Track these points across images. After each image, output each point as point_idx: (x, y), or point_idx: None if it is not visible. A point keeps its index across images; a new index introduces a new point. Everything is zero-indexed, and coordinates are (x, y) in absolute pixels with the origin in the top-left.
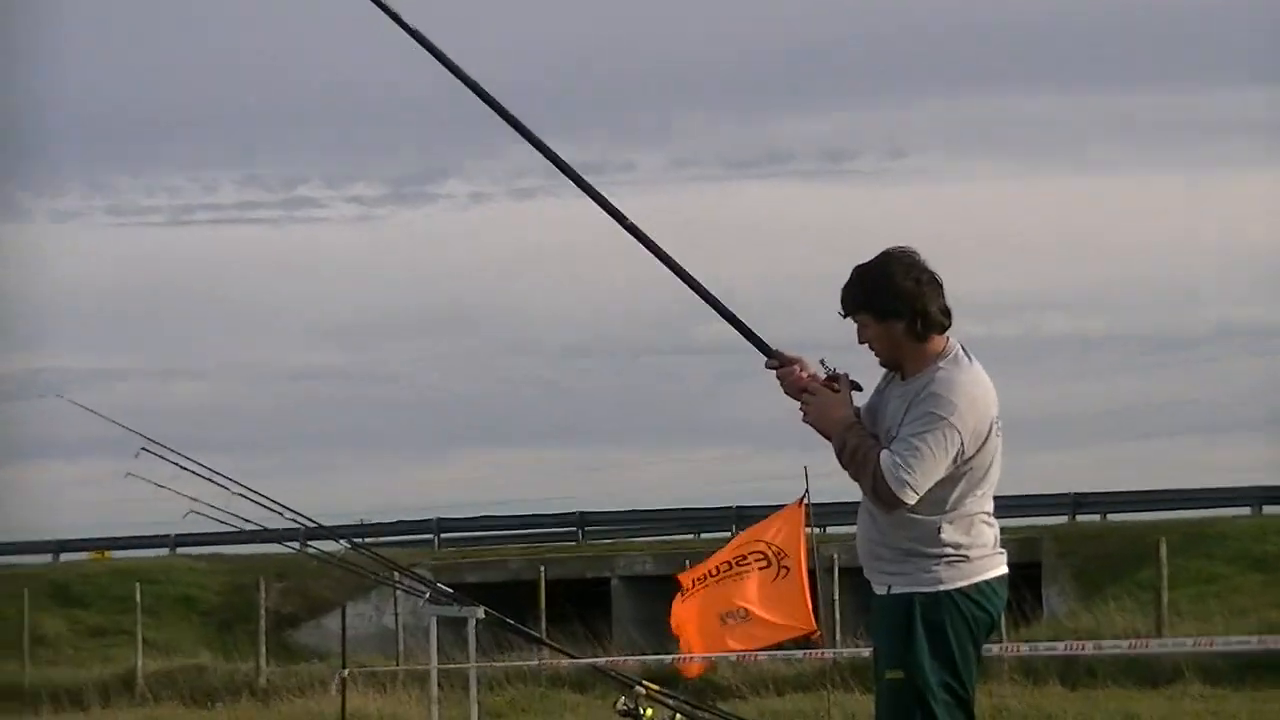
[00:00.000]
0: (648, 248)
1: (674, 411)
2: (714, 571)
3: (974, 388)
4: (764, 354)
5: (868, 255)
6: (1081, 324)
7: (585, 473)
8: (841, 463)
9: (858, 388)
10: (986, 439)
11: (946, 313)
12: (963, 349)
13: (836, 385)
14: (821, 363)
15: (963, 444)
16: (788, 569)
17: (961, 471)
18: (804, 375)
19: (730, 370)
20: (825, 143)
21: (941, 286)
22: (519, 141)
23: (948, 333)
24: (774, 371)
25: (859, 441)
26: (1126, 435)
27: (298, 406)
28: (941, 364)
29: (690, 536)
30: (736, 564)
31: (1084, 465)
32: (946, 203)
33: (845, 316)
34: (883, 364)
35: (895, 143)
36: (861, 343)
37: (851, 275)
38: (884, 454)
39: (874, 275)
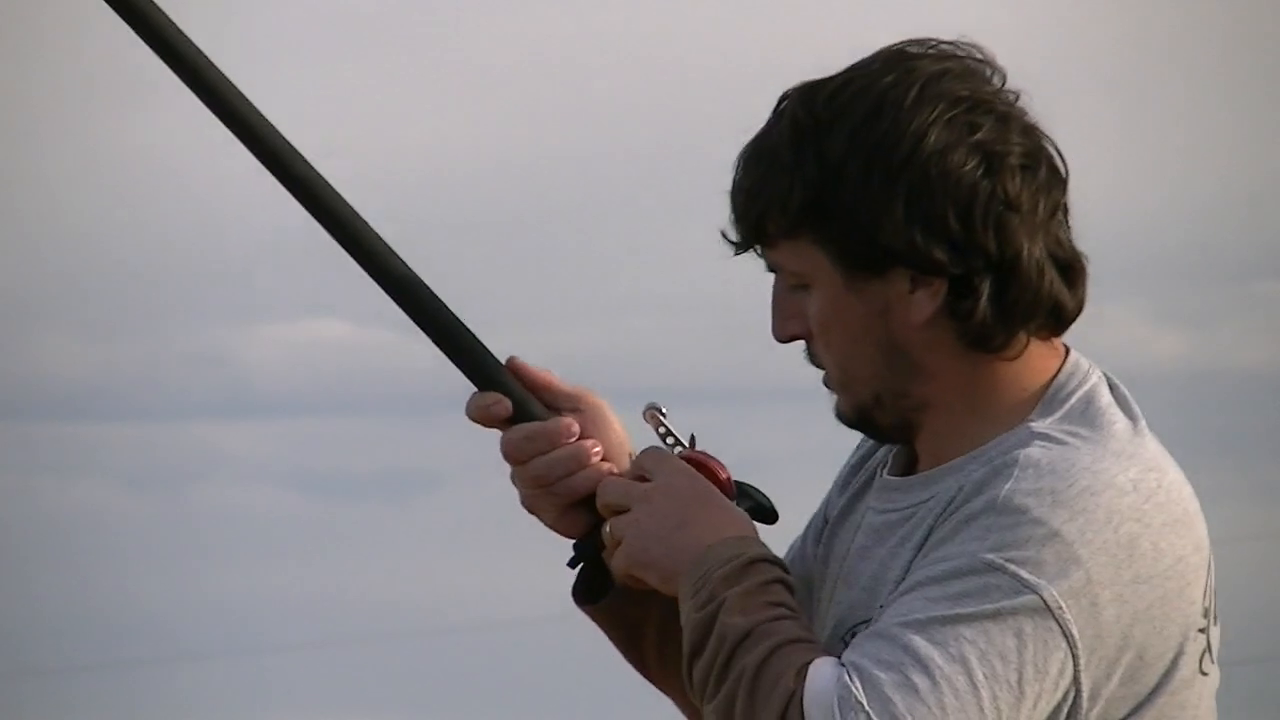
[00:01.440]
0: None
1: None
2: None
3: (1139, 501)
4: (473, 379)
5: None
6: None
7: None
8: (697, 677)
9: (766, 515)
10: (1171, 671)
11: (1074, 270)
12: (1109, 383)
13: (719, 471)
14: (654, 415)
15: (1077, 678)
16: None
17: None
18: (592, 447)
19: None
20: None
21: (1064, 181)
22: None
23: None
24: (499, 433)
25: (761, 622)
26: None
27: None
28: (1040, 425)
29: None
30: None
31: None
32: None
33: (740, 249)
34: (844, 413)
35: None
36: (784, 337)
37: (770, 129)
38: (820, 668)
39: (849, 133)
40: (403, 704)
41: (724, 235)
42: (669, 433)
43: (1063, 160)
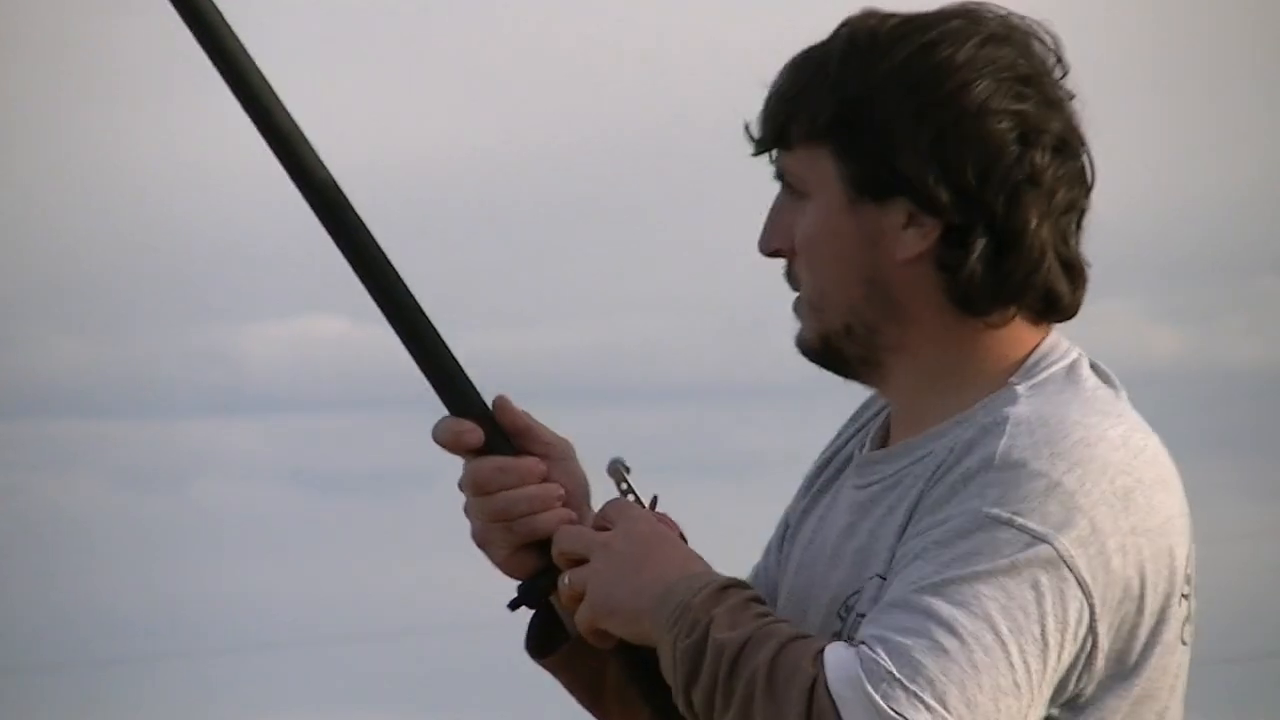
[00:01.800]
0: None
1: None
2: None
3: (1129, 457)
4: (449, 405)
5: None
6: None
7: None
8: (700, 701)
9: None
10: (1157, 631)
11: (1075, 270)
12: (1091, 362)
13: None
14: (618, 471)
15: (1094, 627)
16: None
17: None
18: (557, 491)
19: None
20: None
21: (1088, 187)
22: None
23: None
24: (463, 465)
25: (757, 629)
26: None
27: None
28: (1024, 387)
29: None
30: None
31: None
32: None
33: (760, 149)
34: (808, 340)
35: None
36: (768, 250)
37: (825, 44)
38: (836, 650)
39: (902, 60)
40: (399, 701)
41: (746, 130)
42: (630, 490)
43: (1092, 169)
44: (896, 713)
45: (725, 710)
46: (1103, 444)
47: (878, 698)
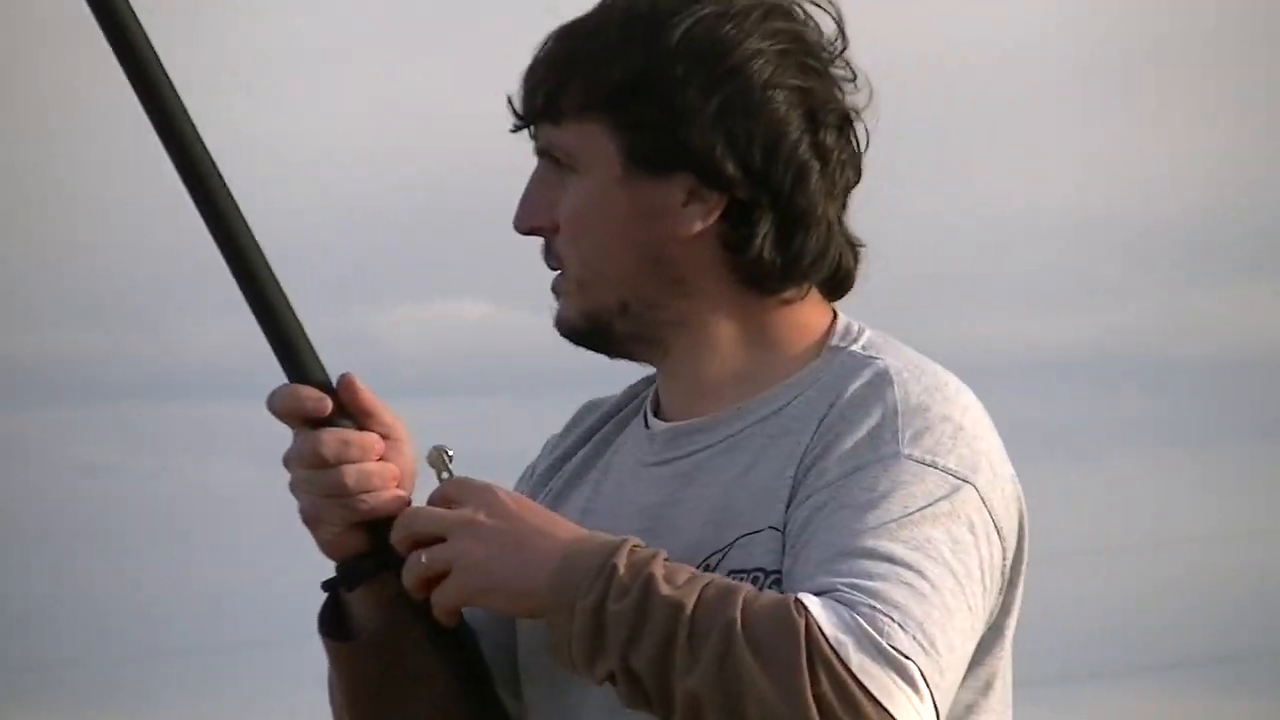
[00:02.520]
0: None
1: None
2: None
3: (983, 412)
4: (292, 374)
5: None
6: None
7: None
8: (646, 662)
9: None
10: (1023, 577)
11: (855, 249)
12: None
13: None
14: (440, 457)
15: (1004, 570)
16: None
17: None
18: (395, 470)
19: None
20: None
21: (860, 172)
22: None
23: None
24: (294, 437)
25: (708, 584)
26: None
27: None
28: (858, 347)
29: None
30: None
31: None
32: None
33: (522, 124)
34: (572, 319)
35: None
36: (526, 228)
37: (597, 13)
38: (810, 599)
39: (685, 29)
40: None
41: (509, 104)
42: (451, 477)
43: (860, 150)
44: (900, 653)
45: (690, 669)
46: (965, 394)
47: (880, 640)
